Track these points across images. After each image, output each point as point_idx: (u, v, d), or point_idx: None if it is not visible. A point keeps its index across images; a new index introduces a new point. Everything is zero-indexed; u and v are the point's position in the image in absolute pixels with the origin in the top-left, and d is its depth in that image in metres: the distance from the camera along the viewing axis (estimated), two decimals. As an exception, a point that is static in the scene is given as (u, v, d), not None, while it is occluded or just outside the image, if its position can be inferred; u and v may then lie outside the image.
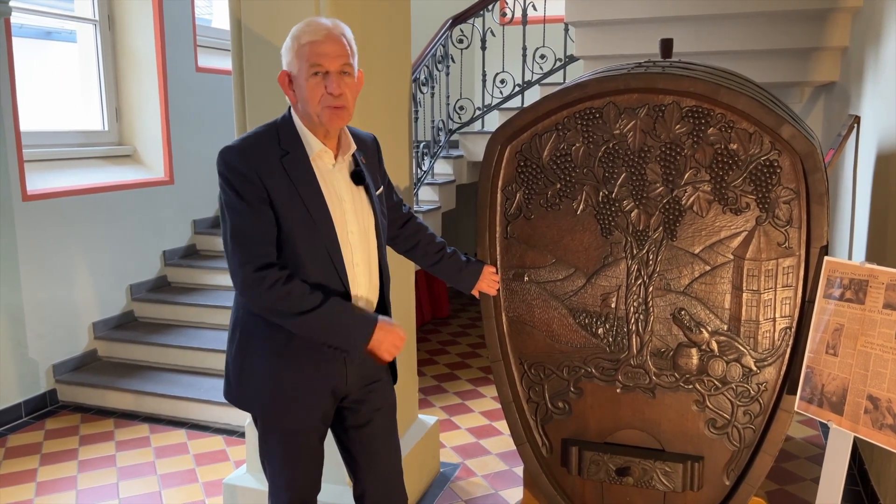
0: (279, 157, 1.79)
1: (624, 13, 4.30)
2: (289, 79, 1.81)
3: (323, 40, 1.75)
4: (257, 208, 1.75)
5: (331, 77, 1.76)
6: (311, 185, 1.81)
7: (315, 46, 1.74)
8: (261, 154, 1.79)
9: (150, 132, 4.99)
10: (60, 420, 3.96)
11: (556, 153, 2.23)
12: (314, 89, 1.76)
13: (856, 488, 3.04)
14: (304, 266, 1.81)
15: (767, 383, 2.12)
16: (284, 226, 1.78)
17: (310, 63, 1.75)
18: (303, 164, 1.81)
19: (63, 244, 4.27)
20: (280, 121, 1.87)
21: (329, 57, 1.75)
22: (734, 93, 2.01)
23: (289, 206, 1.78)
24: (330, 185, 1.85)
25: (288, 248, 1.80)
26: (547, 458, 2.39)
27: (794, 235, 2.05)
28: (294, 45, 1.77)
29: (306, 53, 1.75)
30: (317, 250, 1.81)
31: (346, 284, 1.85)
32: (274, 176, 1.77)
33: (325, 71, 1.75)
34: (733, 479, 2.20)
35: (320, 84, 1.76)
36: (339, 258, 1.83)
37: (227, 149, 1.80)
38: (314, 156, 1.83)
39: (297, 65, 1.77)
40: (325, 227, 1.81)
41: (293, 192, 1.78)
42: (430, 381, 4.46)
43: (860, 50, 3.66)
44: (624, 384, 2.25)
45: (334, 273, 1.83)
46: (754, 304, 2.10)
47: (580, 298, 2.26)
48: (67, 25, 4.85)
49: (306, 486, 2.02)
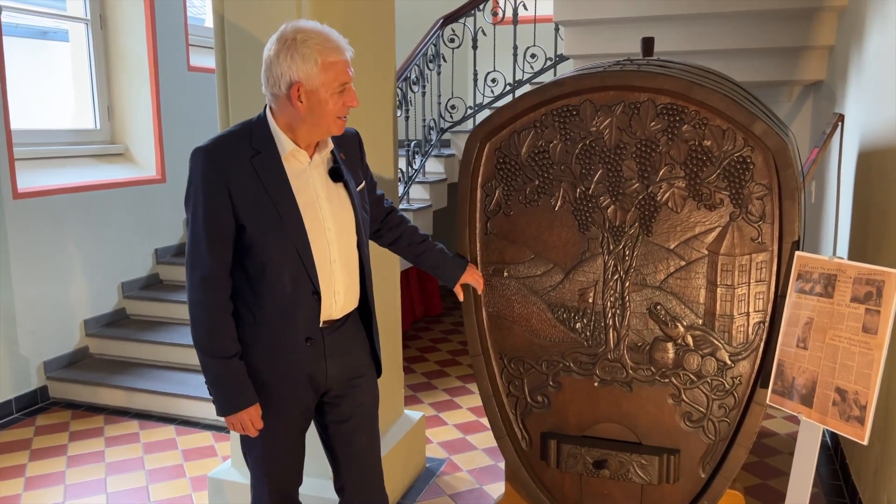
0: (249, 157, 1.80)
1: (612, 13, 4.32)
2: (303, 91, 1.76)
3: (346, 58, 1.78)
4: (214, 220, 1.78)
5: (349, 91, 1.80)
6: (281, 185, 1.82)
7: (344, 66, 1.77)
8: (229, 154, 1.80)
9: (142, 131, 5.01)
10: (51, 416, 3.98)
11: (535, 150, 2.26)
12: (336, 104, 1.79)
13: (837, 483, 3.07)
14: (272, 266, 1.82)
15: (742, 377, 2.15)
16: (251, 227, 1.80)
17: (340, 82, 1.77)
18: (273, 164, 1.82)
19: (55, 242, 4.30)
20: (255, 120, 1.87)
21: (349, 74, 1.79)
22: (707, 90, 2.04)
23: (256, 207, 1.79)
24: (305, 183, 1.86)
25: (256, 249, 1.81)
26: (527, 452, 2.42)
27: (766, 231, 2.08)
28: (319, 60, 1.74)
29: (337, 72, 1.76)
30: (286, 250, 1.82)
31: (316, 284, 1.85)
32: (242, 177, 1.78)
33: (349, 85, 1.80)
34: (709, 471, 2.22)
35: (340, 99, 1.79)
36: (309, 258, 1.84)
37: (196, 150, 1.81)
38: (286, 155, 1.84)
39: (322, 80, 1.75)
40: (295, 227, 1.82)
41: (261, 192, 1.79)
42: (420, 378, 4.49)
43: (845, 49, 3.69)
44: (601, 378, 2.27)
45: (304, 273, 1.84)
46: (728, 299, 2.13)
47: (558, 294, 2.29)
48: (60, 25, 4.87)
49: (287, 478, 2.05)
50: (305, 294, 1.86)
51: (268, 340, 1.87)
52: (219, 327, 1.83)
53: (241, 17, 2.50)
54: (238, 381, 1.86)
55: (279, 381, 1.91)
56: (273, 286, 1.84)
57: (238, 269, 1.85)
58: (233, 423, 1.89)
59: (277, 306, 1.85)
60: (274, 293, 1.85)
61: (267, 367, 1.89)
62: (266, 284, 1.84)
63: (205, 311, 1.82)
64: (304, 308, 1.87)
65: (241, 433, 1.93)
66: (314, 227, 1.86)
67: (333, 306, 1.92)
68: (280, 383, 1.91)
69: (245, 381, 1.87)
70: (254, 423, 1.89)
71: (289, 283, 1.84)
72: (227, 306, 1.84)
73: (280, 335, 1.87)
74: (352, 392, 2.03)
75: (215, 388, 1.87)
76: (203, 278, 1.80)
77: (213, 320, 1.82)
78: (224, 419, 1.90)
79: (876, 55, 2.91)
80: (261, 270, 1.83)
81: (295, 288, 1.84)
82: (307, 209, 1.85)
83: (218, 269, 1.81)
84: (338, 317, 1.95)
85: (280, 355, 1.89)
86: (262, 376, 1.89)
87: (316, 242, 1.86)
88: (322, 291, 1.88)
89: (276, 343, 1.87)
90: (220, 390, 1.87)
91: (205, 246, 1.79)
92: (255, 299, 1.86)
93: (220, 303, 1.82)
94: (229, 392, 1.86)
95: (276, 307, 1.85)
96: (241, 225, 1.80)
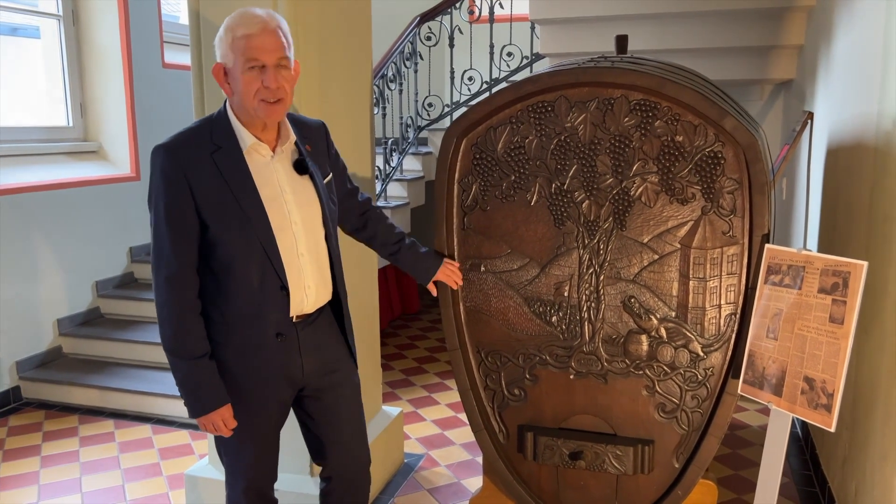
0: (210, 153, 1.78)
1: (586, 11, 4.37)
2: (224, 71, 1.78)
3: (258, 33, 1.71)
4: (177, 218, 1.76)
5: (268, 71, 1.73)
6: (244, 179, 1.80)
7: (251, 40, 1.71)
8: (190, 151, 1.77)
9: (116, 128, 4.96)
10: (24, 417, 3.93)
11: (511, 146, 2.28)
12: (250, 83, 1.73)
13: (807, 472, 3.13)
14: (238, 263, 1.81)
15: (714, 368, 2.19)
16: (214, 224, 1.78)
17: (246, 57, 1.72)
18: (235, 159, 1.80)
19: (27, 240, 4.24)
20: (215, 115, 1.85)
21: (265, 51, 1.72)
22: (679, 86, 2.07)
23: (219, 203, 1.77)
24: (268, 177, 1.84)
25: (220, 246, 1.80)
26: (504, 445, 2.44)
27: (737, 224, 2.12)
28: (228, 37, 1.73)
29: (242, 47, 1.71)
30: (251, 246, 1.80)
31: (283, 278, 1.84)
32: (203, 173, 1.77)
33: (262, 65, 1.73)
34: (682, 461, 2.26)
35: (257, 78, 1.73)
36: (275, 253, 1.82)
37: (156, 148, 1.79)
38: (248, 149, 1.82)
39: (233, 58, 1.73)
40: (259, 223, 1.80)
41: (224, 188, 1.77)
42: (398, 374, 4.50)
43: (814, 48, 3.76)
44: (577, 371, 2.30)
45: (270, 268, 1.83)
46: (700, 292, 2.17)
47: (535, 287, 2.31)
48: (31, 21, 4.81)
49: (262, 476, 2.04)
50: (273, 290, 1.84)
51: (238, 338, 1.86)
52: (186, 328, 1.80)
53: (217, 14, 2.49)
54: (208, 381, 1.83)
55: (252, 380, 1.89)
56: (239, 283, 1.82)
57: (204, 268, 1.83)
58: (204, 424, 1.87)
59: (245, 304, 1.83)
60: (241, 291, 1.83)
61: (239, 366, 1.88)
62: (232, 282, 1.82)
63: (171, 312, 1.79)
64: (273, 304, 1.85)
65: (213, 433, 1.91)
66: (280, 222, 1.84)
67: (305, 301, 1.91)
68: (253, 381, 1.90)
69: (215, 381, 1.84)
70: (226, 424, 1.87)
71: (255, 279, 1.82)
72: (194, 306, 1.81)
73: (250, 332, 1.85)
74: (331, 384, 2.03)
75: (184, 390, 1.84)
76: (168, 278, 1.77)
77: (180, 321, 1.80)
78: (196, 420, 1.88)
79: (843, 54, 2.98)
80: (226, 268, 1.81)
81: (262, 284, 1.83)
82: (271, 203, 1.83)
83: (183, 269, 1.78)
84: (310, 311, 1.94)
85: (251, 353, 1.87)
86: (234, 375, 1.88)
87: (282, 237, 1.84)
88: (291, 286, 1.86)
89: (247, 341, 1.86)
90: (189, 392, 1.84)
91: (168, 245, 1.76)
92: (222, 297, 1.84)
93: (186, 302, 1.80)
94: (199, 393, 1.84)
95: (244, 305, 1.84)
96: (203, 222, 1.78)
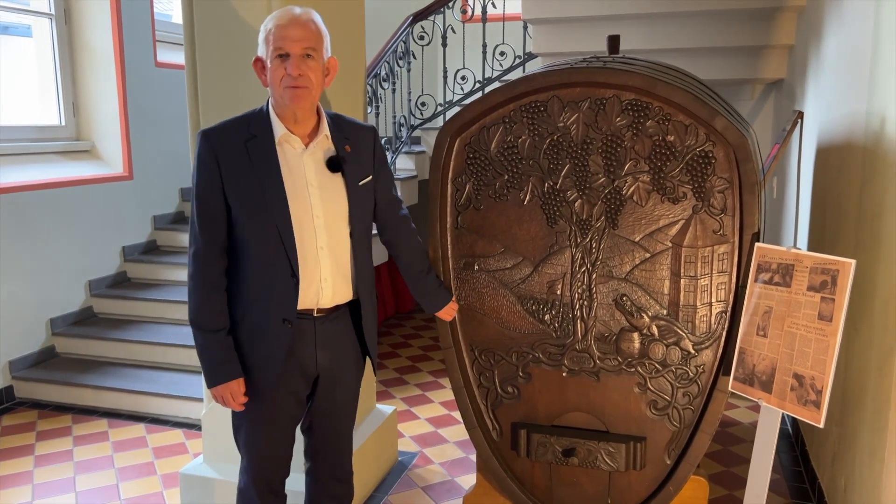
0: (244, 141, 1.89)
1: (579, 11, 4.39)
2: (262, 64, 1.90)
3: (287, 24, 1.83)
4: (205, 199, 1.89)
5: (292, 59, 1.83)
6: (271, 167, 1.89)
7: (280, 30, 1.83)
8: (225, 138, 1.89)
9: (109, 127, 4.95)
10: (17, 416, 3.93)
11: (504, 145, 2.30)
12: (276, 71, 1.84)
13: (797, 469, 3.17)
14: (253, 245, 1.89)
15: (705, 365, 2.21)
16: (237, 206, 1.88)
17: (274, 46, 1.84)
18: (266, 148, 1.89)
19: (20, 240, 4.23)
20: (259, 108, 1.97)
21: (291, 40, 1.82)
22: (670, 86, 2.10)
23: (244, 187, 1.87)
24: (296, 169, 1.92)
25: (240, 227, 1.89)
26: (497, 442, 2.46)
27: (728, 223, 2.14)
28: (264, 30, 1.86)
29: (272, 38, 1.83)
30: (267, 231, 1.88)
31: (295, 267, 1.90)
32: (234, 158, 1.88)
33: (287, 53, 1.83)
34: (674, 458, 2.29)
35: (282, 66, 1.84)
36: (290, 241, 1.89)
37: (199, 133, 1.92)
38: (279, 140, 1.91)
39: (265, 49, 1.86)
40: (278, 210, 1.88)
41: (250, 173, 1.87)
42: (392, 373, 4.51)
43: (804, 48, 3.80)
44: (570, 368, 2.32)
45: (283, 255, 1.89)
46: (692, 290, 2.19)
47: (528, 286, 2.33)
48: (22, 20, 4.79)
49: (272, 468, 2.08)
50: (283, 276, 1.90)
51: (250, 319, 1.94)
52: (205, 302, 1.92)
53: (212, 13, 2.50)
54: (222, 355, 1.93)
55: (261, 362, 1.95)
56: (254, 266, 1.91)
57: (230, 248, 1.94)
58: (214, 395, 1.97)
59: (255, 285, 1.92)
60: (254, 273, 1.91)
61: (249, 346, 1.95)
62: (248, 263, 1.92)
63: (196, 285, 1.92)
64: (280, 289, 1.91)
65: (222, 405, 1.98)
66: (301, 213, 1.91)
67: (320, 293, 1.95)
68: (262, 364, 1.95)
69: (229, 356, 1.94)
70: (234, 397, 1.95)
71: (266, 263, 1.90)
72: (216, 284, 1.92)
73: (258, 314, 1.93)
74: (333, 386, 2.07)
75: (201, 359, 1.96)
76: (195, 254, 1.91)
77: (201, 295, 1.92)
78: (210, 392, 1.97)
79: (833, 54, 3.01)
80: (244, 249, 1.91)
81: (273, 268, 1.90)
82: (295, 194, 1.90)
83: (207, 246, 1.90)
84: (328, 306, 1.98)
85: (260, 335, 1.94)
86: (244, 354, 1.96)
87: (302, 228, 1.90)
88: (305, 277, 1.92)
89: (256, 322, 1.94)
90: (204, 362, 1.95)
91: (198, 223, 1.89)
92: (240, 277, 1.94)
93: (208, 279, 1.91)
94: (213, 364, 1.94)
95: (254, 286, 1.92)
96: (228, 205, 1.89)
